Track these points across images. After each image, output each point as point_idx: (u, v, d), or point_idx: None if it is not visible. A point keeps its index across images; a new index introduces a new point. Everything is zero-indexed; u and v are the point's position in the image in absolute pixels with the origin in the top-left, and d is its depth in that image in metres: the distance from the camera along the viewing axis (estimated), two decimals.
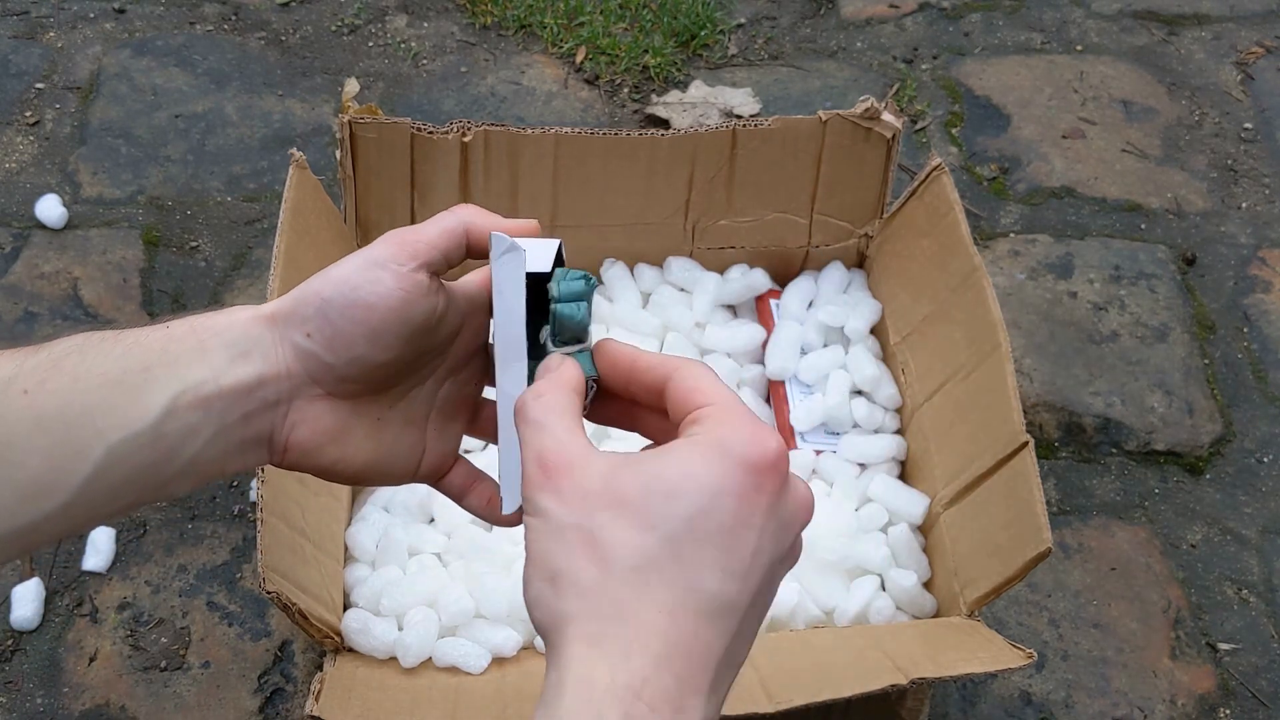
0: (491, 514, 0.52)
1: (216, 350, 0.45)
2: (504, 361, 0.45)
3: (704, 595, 0.37)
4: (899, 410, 1.01)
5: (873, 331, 1.05)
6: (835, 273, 1.07)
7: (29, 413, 0.42)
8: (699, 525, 0.37)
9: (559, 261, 0.46)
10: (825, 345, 1.04)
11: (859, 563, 0.91)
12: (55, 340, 0.44)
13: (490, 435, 0.51)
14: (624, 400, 0.46)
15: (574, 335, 0.45)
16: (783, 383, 1.02)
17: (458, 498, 0.53)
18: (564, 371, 0.44)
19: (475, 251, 0.48)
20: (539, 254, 0.45)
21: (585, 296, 0.45)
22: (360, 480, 0.52)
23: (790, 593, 0.87)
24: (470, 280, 0.51)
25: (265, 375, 0.46)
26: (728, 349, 1.03)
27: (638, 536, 0.37)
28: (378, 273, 0.46)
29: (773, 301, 1.06)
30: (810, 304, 1.06)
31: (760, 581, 0.39)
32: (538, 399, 0.42)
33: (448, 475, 0.53)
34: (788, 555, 0.41)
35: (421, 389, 0.51)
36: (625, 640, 0.36)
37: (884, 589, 0.91)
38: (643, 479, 0.38)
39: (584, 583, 0.37)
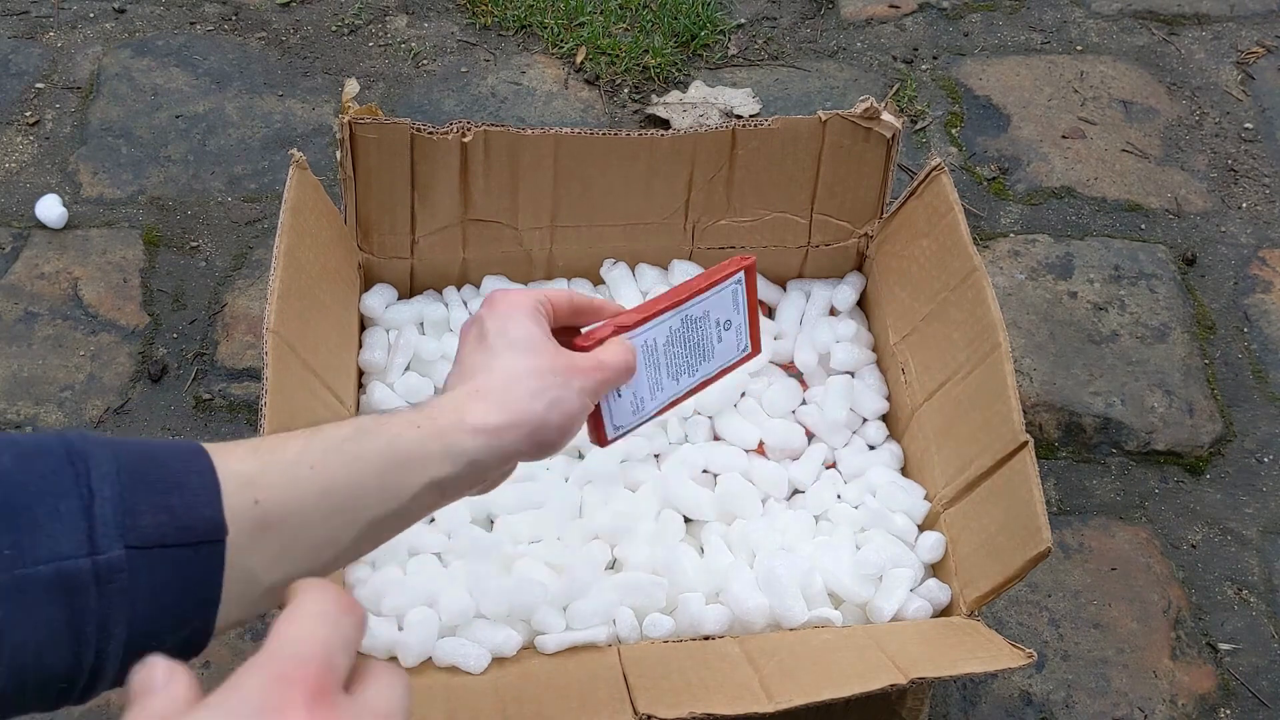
0: None
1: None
2: None
3: None
4: (896, 414, 1.01)
5: (872, 332, 1.05)
6: (824, 292, 1.07)
7: (315, 485, 0.50)
8: None
9: None
10: (819, 354, 1.04)
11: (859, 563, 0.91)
12: (331, 424, 0.52)
13: None
14: None
15: None
16: None
17: None
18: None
19: None
20: None
21: None
22: None
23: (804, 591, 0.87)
24: None
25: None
26: None
27: None
28: None
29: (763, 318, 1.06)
30: (801, 319, 1.07)
31: None
32: None
33: None
34: None
35: None
36: None
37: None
38: None
39: None
